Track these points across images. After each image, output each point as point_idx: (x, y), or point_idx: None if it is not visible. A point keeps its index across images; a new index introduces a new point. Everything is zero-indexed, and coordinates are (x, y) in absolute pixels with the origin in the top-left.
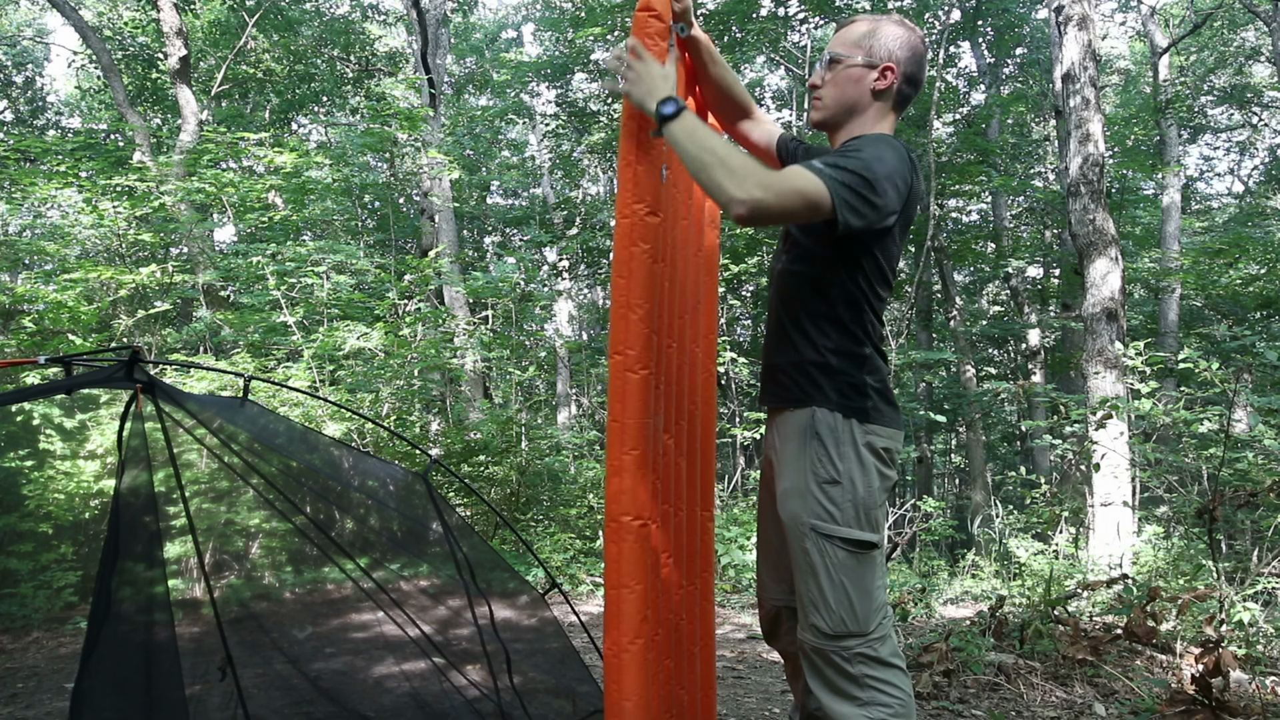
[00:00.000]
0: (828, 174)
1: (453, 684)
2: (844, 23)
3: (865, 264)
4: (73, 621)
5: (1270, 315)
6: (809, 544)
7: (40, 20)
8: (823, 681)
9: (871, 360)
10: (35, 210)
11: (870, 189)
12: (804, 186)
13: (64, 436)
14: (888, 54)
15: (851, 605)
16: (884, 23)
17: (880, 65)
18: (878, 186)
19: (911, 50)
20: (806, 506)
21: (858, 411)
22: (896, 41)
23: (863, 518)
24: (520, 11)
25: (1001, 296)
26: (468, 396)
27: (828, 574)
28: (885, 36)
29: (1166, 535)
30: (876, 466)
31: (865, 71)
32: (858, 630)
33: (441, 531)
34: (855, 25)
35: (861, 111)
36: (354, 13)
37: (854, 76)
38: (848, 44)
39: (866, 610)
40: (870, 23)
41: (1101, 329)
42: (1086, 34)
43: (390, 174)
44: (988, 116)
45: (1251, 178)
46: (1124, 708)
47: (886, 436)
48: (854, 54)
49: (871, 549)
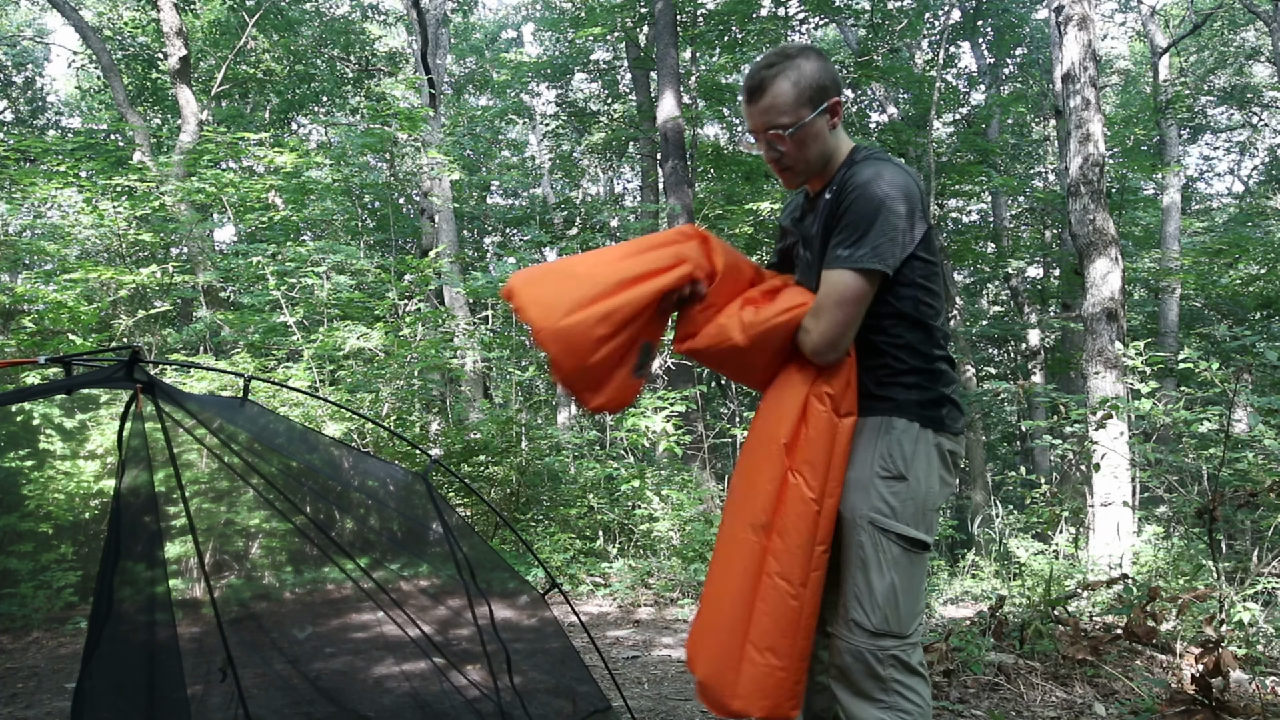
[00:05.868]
0: (856, 258)
1: (453, 684)
2: (761, 86)
3: (908, 288)
4: (73, 621)
5: (1270, 315)
6: (864, 536)
7: (40, 20)
8: (847, 682)
9: (945, 374)
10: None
11: (895, 239)
12: (841, 293)
13: (64, 436)
14: (823, 90)
15: (896, 604)
16: (799, 64)
17: (828, 105)
18: (900, 235)
19: (827, 65)
20: (868, 500)
21: (933, 421)
22: (820, 73)
23: (921, 517)
24: (520, 11)
25: (1001, 296)
26: (468, 396)
27: (879, 568)
28: (811, 77)
29: (1166, 535)
30: (941, 471)
31: (820, 122)
32: (898, 630)
33: (441, 531)
34: (779, 85)
35: (828, 149)
36: (354, 13)
37: (814, 131)
38: (789, 108)
39: (909, 611)
40: (789, 74)
41: (1101, 329)
42: (1086, 34)
43: (390, 174)
44: (988, 116)
45: (1251, 178)
46: (1124, 708)
47: (954, 441)
48: (802, 114)
49: (925, 549)
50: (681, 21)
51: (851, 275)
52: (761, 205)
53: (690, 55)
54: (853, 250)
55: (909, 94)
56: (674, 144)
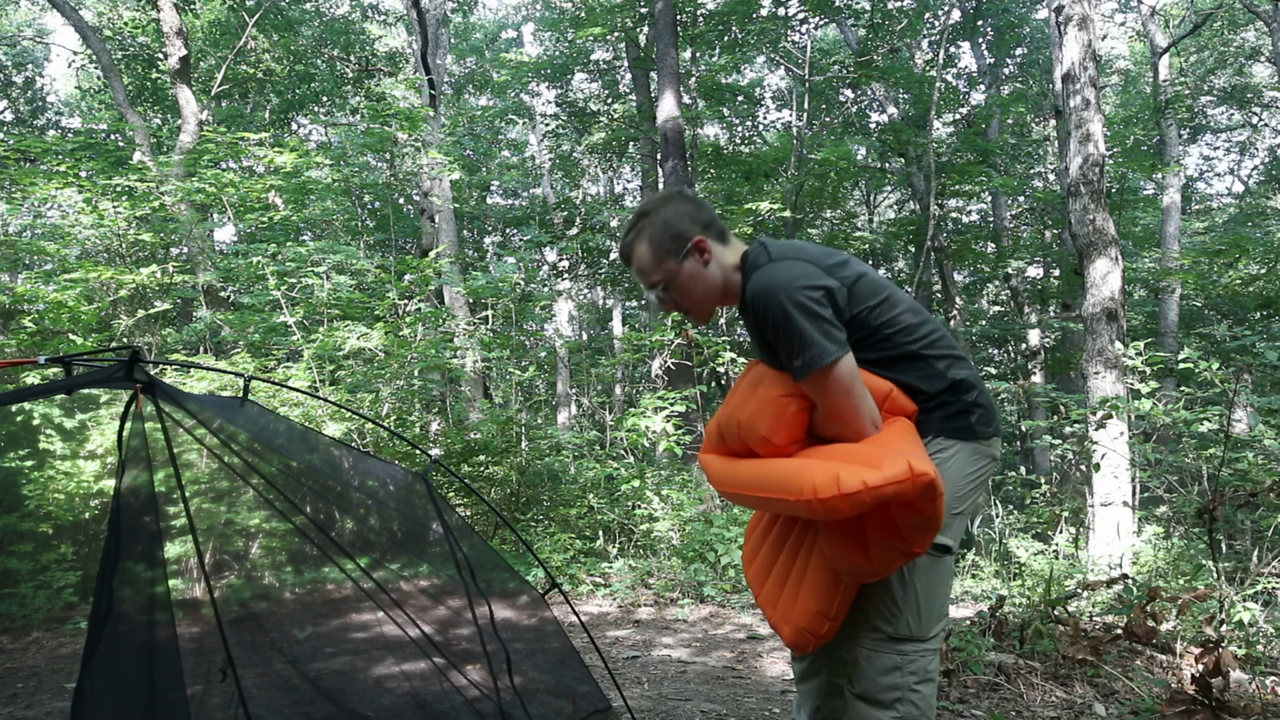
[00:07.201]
0: (808, 363)
1: (453, 684)
2: (627, 254)
3: (872, 336)
4: (73, 621)
5: (1270, 315)
6: None
7: (40, 20)
8: (860, 686)
9: (963, 382)
10: (35, 210)
11: (823, 326)
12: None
13: (64, 436)
14: (680, 238)
15: (918, 608)
16: (653, 221)
17: (689, 248)
18: (822, 321)
19: (680, 208)
20: None
21: (961, 432)
22: (675, 221)
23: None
24: (520, 11)
25: (1001, 296)
26: (468, 396)
27: (901, 573)
28: (665, 230)
29: (1166, 535)
30: (972, 475)
31: (690, 264)
32: (919, 635)
33: (441, 531)
34: (639, 250)
35: (716, 281)
36: (354, 13)
37: (688, 275)
38: (654, 266)
39: (930, 615)
40: (645, 234)
41: (1101, 329)
42: (1086, 34)
43: (390, 174)
44: (988, 116)
45: (1251, 178)
46: (1124, 708)
47: (988, 444)
48: (668, 267)
49: (947, 553)
50: (681, 21)
51: (817, 377)
52: (761, 205)
53: (690, 55)
54: (800, 359)
55: (909, 94)
56: (674, 144)
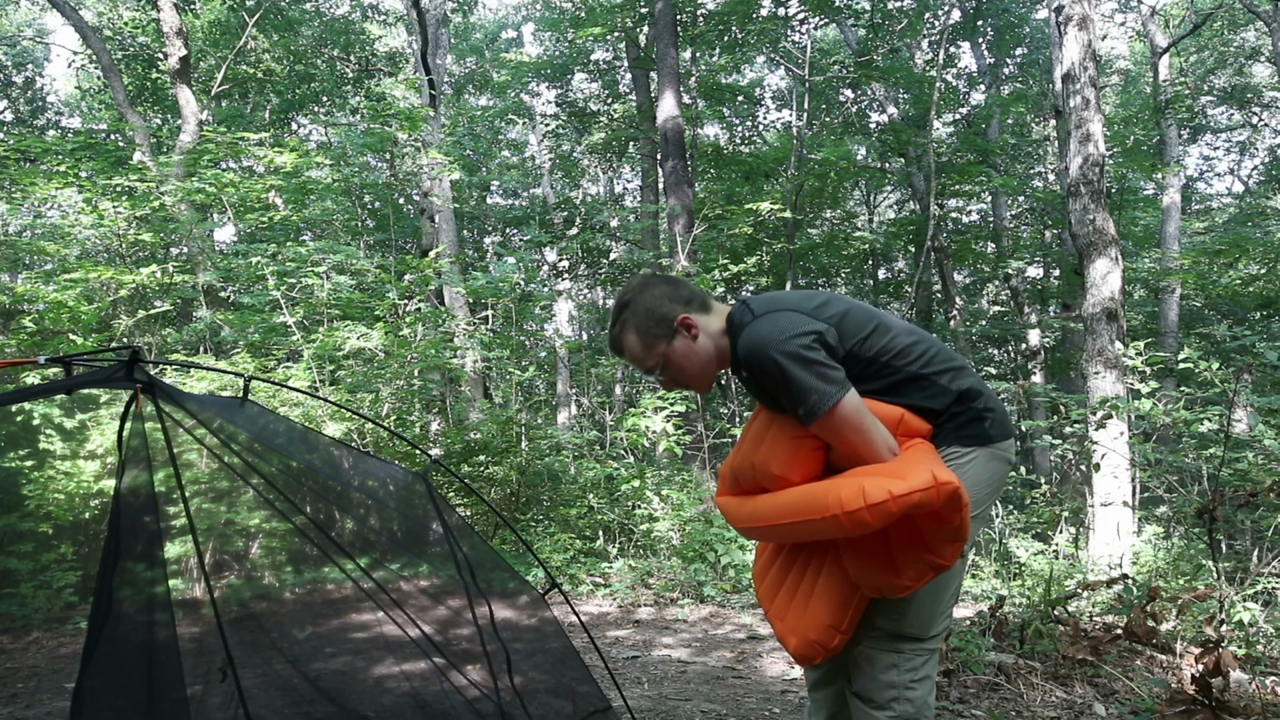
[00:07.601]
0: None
1: (453, 684)
2: (617, 347)
3: (870, 366)
4: (73, 621)
5: (1270, 315)
6: None
7: (40, 20)
8: (859, 684)
9: (969, 390)
10: (35, 210)
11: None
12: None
13: (64, 436)
14: (665, 320)
15: (923, 609)
16: (634, 309)
17: (675, 328)
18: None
19: (658, 291)
20: None
21: (977, 438)
22: (656, 305)
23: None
24: (520, 11)
25: (1001, 296)
26: (468, 396)
27: None
28: (648, 316)
29: (1166, 535)
30: (989, 479)
31: (679, 342)
32: (920, 633)
33: (441, 531)
34: (628, 341)
35: (708, 351)
36: (354, 13)
37: (680, 354)
38: (644, 353)
39: (934, 616)
40: (630, 324)
41: (1101, 329)
42: (1086, 34)
43: (390, 174)
44: (988, 116)
45: (1251, 178)
46: (1124, 708)
47: (1003, 447)
48: (658, 350)
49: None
50: (681, 21)
51: (823, 421)
52: (761, 205)
53: (690, 55)
54: (803, 407)
55: (909, 94)
56: (674, 144)
